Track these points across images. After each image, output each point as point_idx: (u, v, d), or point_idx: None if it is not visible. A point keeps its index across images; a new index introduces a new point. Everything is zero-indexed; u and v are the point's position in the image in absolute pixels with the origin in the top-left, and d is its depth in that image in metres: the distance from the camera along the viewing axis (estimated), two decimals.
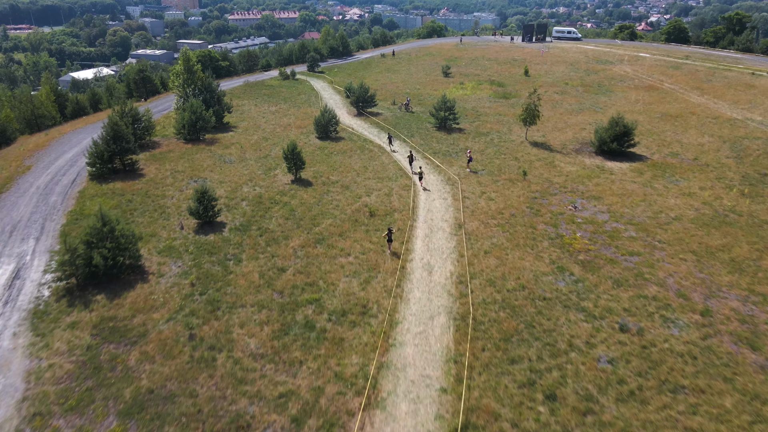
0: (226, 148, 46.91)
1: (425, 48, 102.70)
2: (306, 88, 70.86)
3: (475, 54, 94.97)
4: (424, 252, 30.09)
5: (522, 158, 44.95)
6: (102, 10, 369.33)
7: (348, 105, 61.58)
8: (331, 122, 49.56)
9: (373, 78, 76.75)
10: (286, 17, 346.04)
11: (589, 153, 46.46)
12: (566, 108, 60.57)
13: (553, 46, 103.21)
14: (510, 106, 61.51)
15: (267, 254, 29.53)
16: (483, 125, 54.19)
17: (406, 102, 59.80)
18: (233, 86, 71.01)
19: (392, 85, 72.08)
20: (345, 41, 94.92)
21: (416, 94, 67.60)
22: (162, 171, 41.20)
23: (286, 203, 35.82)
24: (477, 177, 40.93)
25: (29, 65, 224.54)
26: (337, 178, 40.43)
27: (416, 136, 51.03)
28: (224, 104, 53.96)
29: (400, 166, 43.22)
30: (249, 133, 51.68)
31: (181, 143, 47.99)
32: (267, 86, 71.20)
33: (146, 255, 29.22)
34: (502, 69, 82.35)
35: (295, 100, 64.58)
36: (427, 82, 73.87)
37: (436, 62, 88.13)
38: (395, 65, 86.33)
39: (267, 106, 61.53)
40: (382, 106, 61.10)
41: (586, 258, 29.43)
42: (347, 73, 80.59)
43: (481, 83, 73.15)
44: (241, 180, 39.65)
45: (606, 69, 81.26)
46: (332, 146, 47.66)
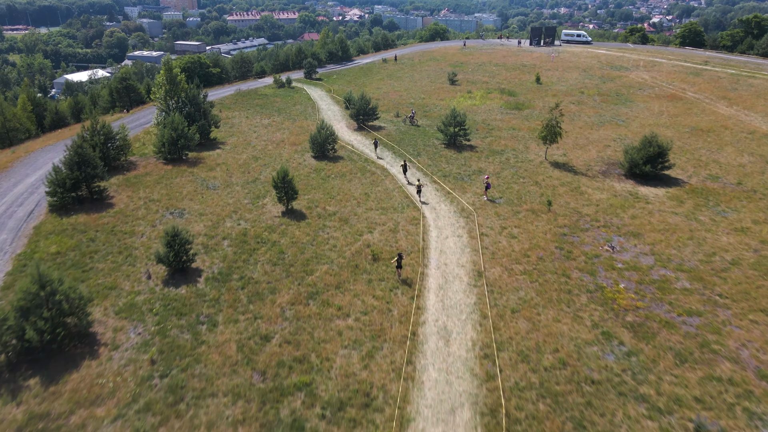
0: (210, 170, 41.46)
1: (429, 52, 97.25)
2: (302, 97, 65.40)
3: (482, 59, 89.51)
4: (438, 311, 24.70)
5: (544, 183, 39.54)
6: (100, 11, 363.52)
7: (347, 117, 56.14)
8: (328, 140, 44.15)
9: (375, 86, 71.31)
10: (285, 18, 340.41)
11: (617, 176, 41.04)
12: (585, 121, 55.15)
13: (563, 50, 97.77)
14: (524, 119, 56.08)
15: (248, 315, 24.14)
16: (496, 142, 48.76)
17: (411, 114, 54.37)
18: (224, 95, 65.54)
19: (395, 94, 66.63)
20: (344, 45, 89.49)
21: (421, 104, 62.16)
22: (135, 200, 35.76)
23: (275, 243, 30.42)
24: (495, 207, 35.52)
25: (23, 67, 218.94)
26: (335, 208, 35.02)
27: (423, 154, 45.63)
28: (211, 118, 48.56)
29: (406, 192, 37.79)
30: (237, 150, 46.25)
31: (161, 164, 42.56)
32: (260, 95, 65.72)
33: (100, 317, 23.81)
34: (512, 76, 76.88)
35: (290, 111, 59.12)
36: (432, 91, 68.41)
37: (440, 68, 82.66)
38: (398, 71, 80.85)
39: (259, 119, 56.08)
40: (385, 119, 55.68)
41: (635, 319, 24.03)
42: (347, 81, 75.13)
43: (491, 92, 67.71)
44: (224, 211, 34.23)
45: (622, 76, 75.82)
46: (329, 167, 42.24)
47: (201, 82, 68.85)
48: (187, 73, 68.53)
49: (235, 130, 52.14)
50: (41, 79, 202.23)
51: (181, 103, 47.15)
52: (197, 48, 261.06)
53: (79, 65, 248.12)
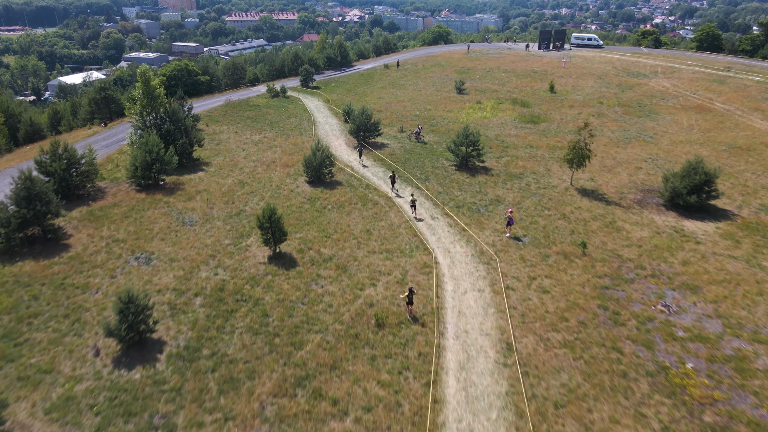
0: (188, 199, 35.84)
1: (432, 57, 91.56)
2: (298, 108, 59.74)
3: (489, 65, 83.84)
4: (461, 405, 19.15)
5: (573, 216, 33.96)
6: (98, 11, 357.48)
7: (347, 133, 50.51)
8: (324, 163, 38.54)
9: (376, 95, 65.68)
10: (284, 19, 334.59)
11: (656, 207, 35.46)
12: (609, 137, 49.55)
13: (574, 54, 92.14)
14: (541, 134, 50.47)
15: (217, 415, 18.59)
16: (513, 163, 43.16)
17: (417, 130, 48.73)
18: (212, 106, 59.85)
19: (398, 105, 60.99)
20: (344, 50, 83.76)
21: (427, 116, 56.53)
22: (96, 240, 30.16)
23: (258, 301, 24.84)
24: (519, 248, 29.97)
25: (17, 69, 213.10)
26: (331, 251, 29.43)
27: (432, 178, 40.04)
28: (194, 136, 42.94)
29: (414, 229, 32.20)
30: (222, 173, 40.65)
31: (133, 191, 36.95)
32: (252, 106, 60.04)
33: (25, 417, 18.27)
34: (523, 84, 71.24)
35: (284, 125, 53.48)
36: (438, 101, 62.77)
37: (446, 75, 77.00)
38: (400, 78, 75.20)
39: (249, 134, 50.45)
40: (388, 134, 50.06)
41: (716, 420, 18.50)
42: (346, 89, 69.47)
43: (502, 102, 62.09)
44: (200, 256, 28.64)
45: (641, 83, 70.20)
46: (326, 196, 36.64)
47: (189, 91, 63.38)
48: (174, 82, 63.02)
49: (221, 148, 46.53)
50: (35, 82, 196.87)
51: (159, 119, 41.51)
52: (195, 49, 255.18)
53: (75, 67, 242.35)
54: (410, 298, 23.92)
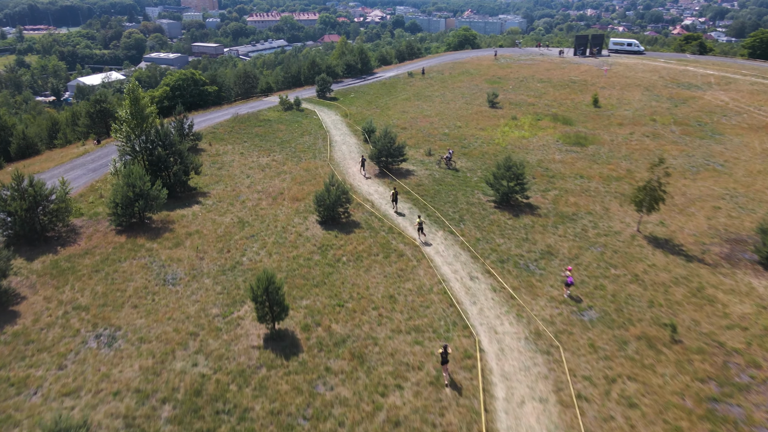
0: (176, 245, 29.53)
1: (460, 64, 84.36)
2: (312, 124, 53.23)
3: (522, 73, 76.43)
4: None
5: (647, 278, 26.87)
6: (121, 11, 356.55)
7: (367, 155, 43.88)
8: (340, 201, 31.93)
9: (400, 108, 58.90)
10: (305, 19, 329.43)
11: (751, 265, 28.15)
12: (672, 164, 42.07)
13: (614, 62, 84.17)
14: (590, 160, 43.25)
15: None
16: (563, 199, 36.08)
17: (448, 155, 41.86)
18: (218, 121, 53.62)
19: (424, 120, 54.14)
20: (364, 56, 77.03)
21: (457, 135, 49.61)
22: (53, 306, 23.98)
23: (245, 413, 18.34)
24: (585, 327, 23.03)
25: (37, 69, 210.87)
26: (345, 329, 22.83)
27: (468, 219, 33.19)
28: (190, 162, 36.69)
29: (450, 294, 25.43)
30: (220, 208, 34.32)
31: (112, 233, 30.78)
32: (262, 121, 53.66)
33: None
34: (562, 96, 63.82)
35: (296, 145, 47.03)
36: (469, 116, 55.74)
37: (476, 84, 69.87)
38: (426, 88, 68.27)
39: (256, 156, 44.10)
40: (414, 159, 43.31)
41: None
42: (366, 101, 62.78)
43: (540, 118, 54.85)
44: (178, 334, 22.26)
45: (695, 97, 62.27)
46: (340, 243, 30.03)
47: (195, 103, 57.35)
48: (179, 92, 57.04)
49: (223, 174, 40.25)
50: (54, 82, 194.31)
51: (149, 143, 35.32)
52: (214, 50, 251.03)
53: (95, 67, 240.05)
54: (445, 356, 19.72)
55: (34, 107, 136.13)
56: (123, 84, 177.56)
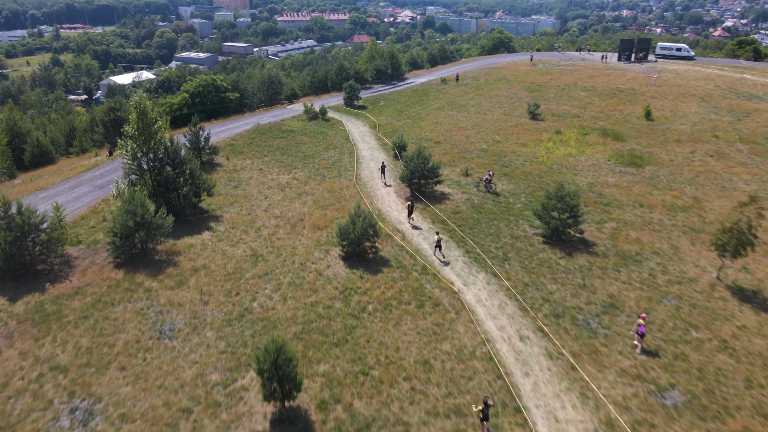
0: (178, 284, 25.72)
1: (496, 69, 79.22)
2: (338, 136, 49.14)
3: (564, 80, 71.01)
4: None
5: (739, 345, 21.91)
6: (155, 11, 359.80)
7: (397, 175, 39.60)
8: (367, 234, 27.70)
9: (432, 119, 54.38)
10: (335, 19, 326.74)
11: None
12: (745, 191, 36.62)
13: (662, 68, 77.91)
14: (650, 184, 38.09)
15: None
16: (623, 233, 31.14)
17: (488, 177, 37.20)
18: (238, 131, 49.91)
19: (460, 134, 49.53)
20: (395, 61, 72.60)
21: (496, 151, 44.89)
22: (28, 367, 20.34)
23: None
24: (670, 416, 18.28)
25: (71, 68, 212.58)
26: (369, 408, 18.58)
27: (513, 257, 28.59)
28: (202, 182, 32.93)
29: (495, 361, 20.94)
30: (233, 237, 30.48)
31: (110, 266, 27.17)
32: (284, 132, 49.74)
33: None
34: (609, 106, 58.37)
35: (320, 160, 42.99)
36: (508, 129, 50.90)
37: (514, 92, 64.84)
38: (461, 96, 63.55)
39: (276, 173, 40.21)
40: (449, 179, 38.80)
41: None
42: (397, 109, 58.39)
43: (587, 132, 49.68)
44: (168, 410, 18.34)
45: (759, 109, 56.07)
46: (366, 286, 25.77)
47: (216, 110, 53.85)
48: (199, 99, 53.62)
49: (239, 193, 36.45)
50: (86, 81, 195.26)
51: (157, 161, 31.67)
52: (244, 50, 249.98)
53: (127, 66, 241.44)
54: (486, 413, 17.45)
55: (64, 107, 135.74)
56: (152, 84, 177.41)
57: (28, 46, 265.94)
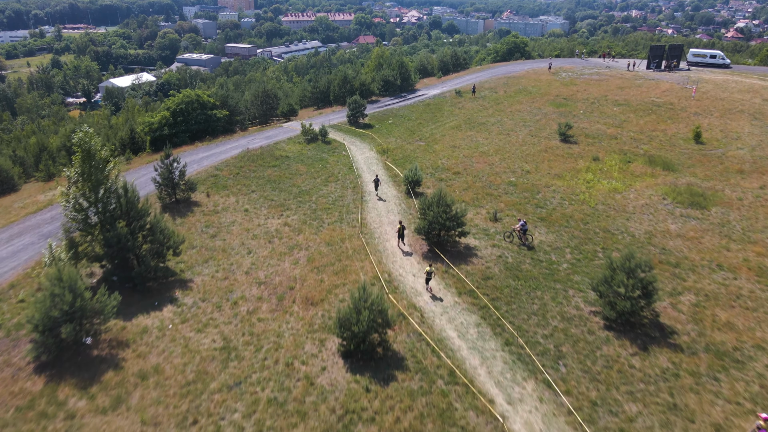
0: (114, 404, 18.45)
1: (514, 79, 71.57)
2: (341, 164, 41.79)
3: (591, 92, 63.36)
4: None
5: None
6: (159, 10, 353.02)
7: (410, 219, 32.25)
8: (375, 324, 20.35)
9: (449, 141, 46.95)
10: (340, 19, 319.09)
11: None
12: None
13: (698, 78, 70.08)
14: (722, 234, 30.55)
15: None
16: (708, 313, 23.64)
17: (520, 226, 29.72)
18: (224, 157, 42.56)
19: (482, 161, 42.10)
20: (405, 71, 65.03)
21: (528, 185, 37.44)
22: None
23: None
24: None
25: (69, 70, 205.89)
26: None
27: (569, 354, 21.19)
28: (166, 238, 25.68)
29: None
30: (200, 316, 23.22)
31: (28, 369, 19.97)
32: (278, 159, 42.34)
33: None
34: (648, 125, 50.77)
35: (318, 198, 35.65)
36: (537, 155, 43.45)
37: (538, 107, 57.29)
38: (479, 112, 56.06)
39: (264, 216, 32.90)
40: (475, 225, 31.41)
41: None
42: (407, 129, 50.93)
43: (630, 158, 42.19)
44: None
45: None
46: (373, 409, 18.45)
47: (201, 130, 46.62)
48: (181, 118, 46.36)
49: (217, 245, 29.20)
50: (85, 84, 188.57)
51: (106, 213, 24.45)
52: (247, 51, 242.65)
53: (128, 67, 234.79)
54: None
55: (57, 112, 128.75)
56: (152, 86, 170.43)
57: (30, 47, 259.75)
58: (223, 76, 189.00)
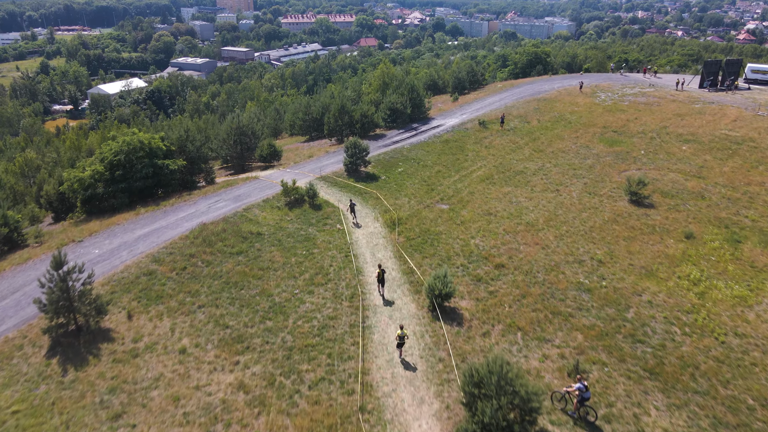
0: None
1: (546, 102, 58.74)
2: (334, 248, 29.06)
3: (646, 121, 50.65)
4: None
5: None
6: (156, 12, 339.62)
7: (437, 351, 19.73)
8: None
9: (481, 203, 34.30)
10: (341, 21, 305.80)
11: None
12: None
13: (765, 100, 57.34)
14: None
15: None
16: None
17: (578, 389, 17.25)
18: (171, 236, 29.82)
19: (531, 241, 29.48)
20: (416, 96, 52.04)
21: (608, 292, 24.85)
22: None
23: None
24: None
25: (57, 75, 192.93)
26: None
27: None
28: None
29: None
30: None
31: None
32: (245, 239, 29.52)
33: None
34: (738, 174, 38.14)
35: (299, 319, 23.05)
36: (606, 228, 30.83)
37: (584, 145, 44.67)
38: (512, 153, 43.47)
39: (208, 365, 20.35)
40: (545, 387, 18.82)
41: None
42: (423, 182, 38.19)
43: (738, 236, 29.61)
44: None
45: None
46: None
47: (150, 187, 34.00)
48: (120, 172, 33.74)
49: None
50: (72, 90, 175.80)
51: None
52: (244, 55, 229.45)
53: (120, 72, 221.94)
54: None
55: (31, 126, 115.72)
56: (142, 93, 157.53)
57: (20, 50, 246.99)
58: (217, 83, 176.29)
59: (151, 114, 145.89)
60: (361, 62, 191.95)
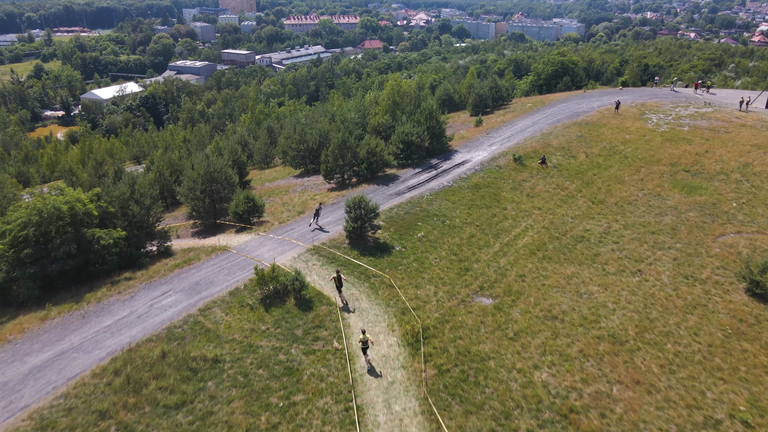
0: None
1: (588, 127, 48.14)
2: (327, 387, 18.77)
3: (720, 154, 40.16)
4: None
5: None
6: (157, 13, 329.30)
7: None
8: None
9: (538, 295, 23.99)
10: (345, 23, 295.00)
11: None
12: None
13: None
14: None
15: None
16: None
17: None
18: (78, 371, 19.65)
19: (627, 376, 19.17)
20: (437, 124, 41.45)
21: None
22: None
23: None
24: None
25: (49, 80, 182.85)
26: None
27: None
28: None
29: None
30: None
31: None
32: (191, 379, 19.21)
33: None
34: None
35: None
36: (726, 346, 20.50)
37: (654, 190, 34.27)
38: (563, 206, 33.07)
39: None
40: None
41: None
42: (452, 254, 27.77)
43: None
44: None
45: None
46: None
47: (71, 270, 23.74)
48: (31, 250, 23.44)
49: None
50: (64, 95, 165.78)
51: None
52: (245, 58, 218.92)
53: (116, 75, 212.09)
54: None
55: (11, 136, 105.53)
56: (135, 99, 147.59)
57: (17, 52, 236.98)
58: (214, 88, 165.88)
59: (145, 122, 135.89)
60: (365, 66, 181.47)
